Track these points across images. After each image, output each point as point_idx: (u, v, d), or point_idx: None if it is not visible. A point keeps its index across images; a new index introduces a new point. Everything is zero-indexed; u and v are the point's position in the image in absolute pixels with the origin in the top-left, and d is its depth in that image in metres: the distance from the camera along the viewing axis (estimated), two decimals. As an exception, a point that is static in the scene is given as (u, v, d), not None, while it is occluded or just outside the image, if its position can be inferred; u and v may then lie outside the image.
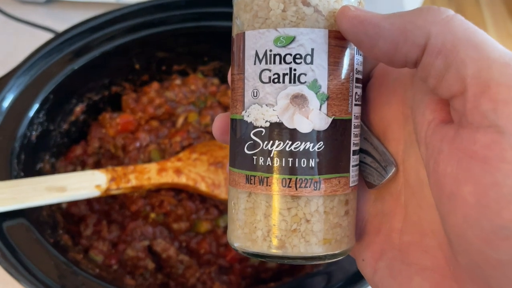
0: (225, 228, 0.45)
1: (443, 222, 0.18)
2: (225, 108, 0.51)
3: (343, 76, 0.21)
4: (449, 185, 0.17)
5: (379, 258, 0.22)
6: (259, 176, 0.21)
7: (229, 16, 0.48)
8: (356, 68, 0.22)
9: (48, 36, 0.58)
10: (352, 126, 0.22)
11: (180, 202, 0.45)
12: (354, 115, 0.22)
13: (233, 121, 0.22)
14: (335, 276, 0.36)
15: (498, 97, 0.16)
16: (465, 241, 0.17)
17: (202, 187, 0.44)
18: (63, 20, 0.64)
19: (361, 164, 0.23)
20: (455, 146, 0.17)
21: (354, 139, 0.22)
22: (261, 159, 0.21)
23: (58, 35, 0.46)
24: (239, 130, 0.22)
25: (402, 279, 0.21)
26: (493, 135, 0.16)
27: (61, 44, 0.45)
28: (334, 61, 0.21)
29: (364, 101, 0.24)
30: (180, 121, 0.49)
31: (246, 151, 0.21)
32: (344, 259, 0.37)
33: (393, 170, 0.22)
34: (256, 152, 0.21)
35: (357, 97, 0.22)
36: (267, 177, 0.21)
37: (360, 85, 0.22)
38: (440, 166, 0.18)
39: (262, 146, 0.21)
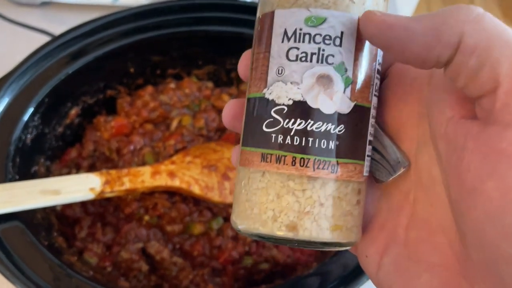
0: (218, 230, 0.45)
1: (461, 217, 0.19)
2: (219, 112, 0.52)
3: (367, 64, 0.21)
4: (471, 180, 0.18)
5: (384, 253, 0.22)
6: (276, 155, 0.21)
7: (222, 21, 0.49)
8: (378, 60, 0.22)
9: (44, 38, 0.58)
10: (371, 116, 0.22)
11: (174, 205, 0.45)
12: (373, 105, 0.22)
13: (250, 100, 0.22)
14: (327, 279, 0.36)
15: None
16: (483, 235, 0.17)
17: (196, 190, 0.44)
18: (59, 22, 0.64)
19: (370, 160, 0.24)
20: (480, 142, 0.18)
21: (370, 129, 0.22)
22: (280, 137, 0.21)
23: (53, 39, 0.46)
24: (258, 108, 0.22)
25: (410, 276, 0.21)
26: None
27: (56, 48, 0.46)
28: (361, 48, 0.21)
29: (379, 100, 0.24)
30: (174, 124, 0.50)
31: (264, 128, 0.21)
32: (335, 263, 0.38)
33: (402, 169, 0.22)
34: (275, 130, 0.21)
35: (376, 88, 0.22)
36: (285, 156, 0.20)
37: (379, 76, 0.23)
38: (464, 162, 0.18)
39: (283, 124, 0.21)
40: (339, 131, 0.21)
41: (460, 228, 0.19)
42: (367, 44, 0.21)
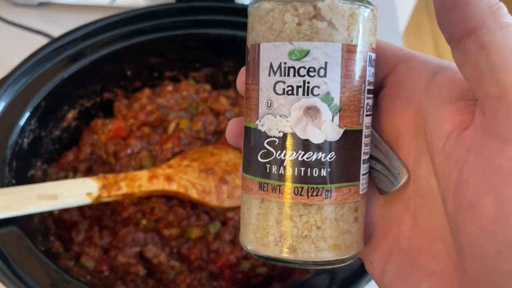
0: (216, 234, 0.45)
1: (457, 230, 0.19)
2: (217, 114, 0.51)
3: (355, 88, 0.21)
4: (470, 195, 0.18)
5: (387, 260, 0.23)
6: (272, 184, 0.22)
7: (220, 24, 0.49)
8: (368, 80, 0.22)
9: (41, 39, 0.58)
10: (363, 136, 0.22)
11: (171, 209, 0.45)
12: (365, 126, 0.22)
13: (247, 129, 0.23)
14: (326, 282, 0.36)
15: None
16: (478, 249, 0.17)
17: (193, 194, 0.44)
18: (56, 23, 0.64)
19: (372, 171, 0.24)
20: (481, 157, 0.18)
21: (364, 149, 0.22)
22: (274, 167, 0.22)
23: (50, 42, 0.46)
24: (252, 138, 0.22)
25: (410, 283, 0.21)
26: None
27: (53, 51, 0.46)
28: (347, 74, 0.21)
29: (377, 109, 0.24)
30: (172, 127, 0.50)
31: (259, 159, 0.22)
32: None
33: (405, 178, 0.23)
34: (269, 160, 0.22)
35: (368, 107, 0.22)
36: (280, 185, 0.21)
37: (371, 95, 0.23)
38: (464, 176, 0.18)
39: (275, 155, 0.21)
40: (330, 158, 0.21)
41: (456, 241, 0.19)
42: (354, 69, 0.21)
